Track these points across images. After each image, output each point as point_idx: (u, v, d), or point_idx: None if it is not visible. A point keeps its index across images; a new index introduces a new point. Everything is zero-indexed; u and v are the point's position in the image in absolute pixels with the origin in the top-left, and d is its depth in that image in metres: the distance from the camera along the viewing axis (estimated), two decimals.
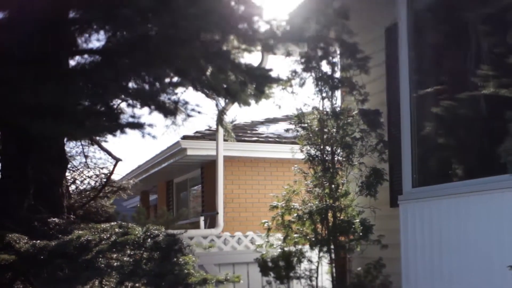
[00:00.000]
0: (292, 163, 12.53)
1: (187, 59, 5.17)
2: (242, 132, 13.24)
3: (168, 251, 4.59)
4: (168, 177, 16.74)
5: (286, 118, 15.29)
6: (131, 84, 5.13)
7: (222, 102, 7.09)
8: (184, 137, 12.32)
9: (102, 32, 5.31)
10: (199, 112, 5.87)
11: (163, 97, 5.34)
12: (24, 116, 4.49)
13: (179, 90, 5.92)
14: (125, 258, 4.45)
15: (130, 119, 5.09)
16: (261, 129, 14.09)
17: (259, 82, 6.09)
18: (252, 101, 6.78)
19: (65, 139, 6.90)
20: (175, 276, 4.26)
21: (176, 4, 5.08)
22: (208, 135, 12.48)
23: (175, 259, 4.54)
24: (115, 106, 5.54)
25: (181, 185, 16.57)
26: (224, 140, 10.31)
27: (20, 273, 4.32)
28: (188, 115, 5.65)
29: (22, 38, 5.05)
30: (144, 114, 5.30)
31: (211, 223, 11.44)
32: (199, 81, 5.92)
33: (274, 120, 15.11)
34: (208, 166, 13.66)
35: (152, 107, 5.24)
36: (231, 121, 7.51)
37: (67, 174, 7.45)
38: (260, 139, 13.04)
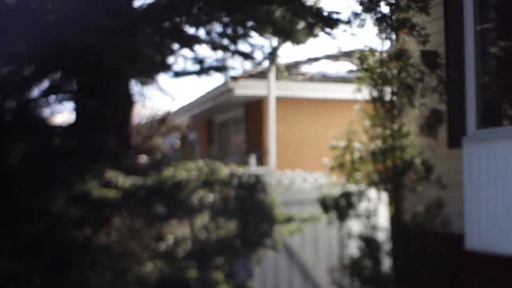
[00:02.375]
0: (337, 103, 12.73)
1: (265, 4, 5.31)
2: (287, 72, 13.33)
3: (253, 190, 4.84)
4: (210, 116, 16.96)
5: (327, 57, 15.33)
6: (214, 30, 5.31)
7: (274, 41, 7.26)
8: (232, 77, 12.42)
9: None
10: (274, 55, 6.04)
11: (242, 42, 5.52)
12: (122, 60, 4.70)
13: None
14: (214, 196, 4.72)
15: (215, 63, 5.28)
16: (305, 69, 14.16)
17: (327, 24, 6.23)
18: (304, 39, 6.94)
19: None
20: (264, 214, 4.52)
21: None
22: (255, 75, 12.58)
23: (260, 197, 4.80)
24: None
25: (223, 124, 16.78)
26: (276, 79, 10.47)
27: (117, 209, 4.61)
28: (265, 58, 5.83)
29: None
30: (226, 58, 5.50)
31: (259, 161, 11.72)
32: (269, 24, 6.07)
33: (316, 60, 15.15)
34: (252, 105, 13.82)
35: (233, 51, 5.42)
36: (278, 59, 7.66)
37: None
38: (305, 78, 13.15)
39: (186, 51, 5.44)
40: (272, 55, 7.38)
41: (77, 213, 4.44)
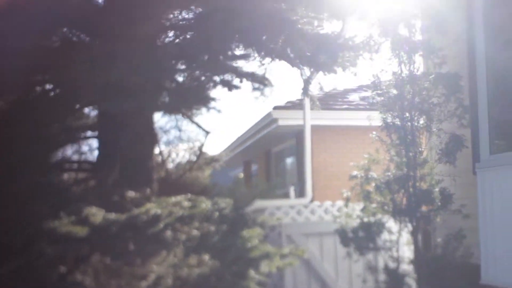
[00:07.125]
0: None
1: (253, 30, 5.20)
2: (333, 101, 13.08)
3: (234, 225, 4.68)
4: (266, 147, 16.86)
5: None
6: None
7: (307, 71, 7.12)
8: (275, 108, 12.35)
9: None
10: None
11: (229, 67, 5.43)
12: (104, 95, 4.70)
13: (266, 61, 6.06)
14: (193, 232, 4.59)
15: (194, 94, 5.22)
16: (352, 97, 13.85)
17: (330, 50, 6.06)
18: (339, 69, 6.78)
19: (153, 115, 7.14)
20: (237, 250, 4.35)
21: None
22: (299, 105, 12.42)
23: (240, 233, 4.63)
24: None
25: (279, 155, 16.65)
26: (311, 109, 10.29)
27: (95, 247, 4.56)
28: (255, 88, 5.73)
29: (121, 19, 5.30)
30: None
31: (301, 192, 11.47)
32: (271, 51, 5.97)
33: (367, 87, 14.82)
34: (301, 136, 13.65)
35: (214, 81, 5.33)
36: (319, 89, 7.52)
37: (164, 148, 7.77)
38: (351, 106, 12.85)
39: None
40: (304, 86, 7.28)
41: (55, 250, 4.41)
